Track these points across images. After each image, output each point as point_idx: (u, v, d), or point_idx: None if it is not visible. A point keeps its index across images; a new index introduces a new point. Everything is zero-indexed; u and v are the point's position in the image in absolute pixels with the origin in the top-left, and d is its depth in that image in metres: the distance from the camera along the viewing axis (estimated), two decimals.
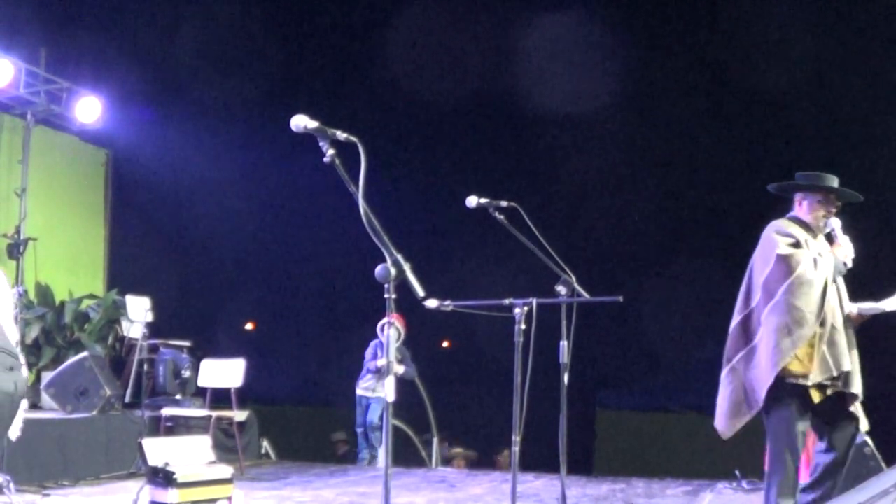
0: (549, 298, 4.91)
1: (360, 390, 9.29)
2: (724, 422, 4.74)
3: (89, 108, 10.53)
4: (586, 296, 4.92)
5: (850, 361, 4.60)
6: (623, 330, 15.54)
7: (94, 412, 7.77)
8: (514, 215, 4.91)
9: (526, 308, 4.81)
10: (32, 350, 9.14)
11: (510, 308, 4.84)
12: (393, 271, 3.14)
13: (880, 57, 11.66)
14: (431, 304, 4.92)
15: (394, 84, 13.35)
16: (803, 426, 4.63)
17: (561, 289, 4.92)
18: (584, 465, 12.85)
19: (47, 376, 8.33)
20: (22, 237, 9.21)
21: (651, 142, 14.17)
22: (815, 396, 4.57)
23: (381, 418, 8.95)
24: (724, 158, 12.98)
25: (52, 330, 9.33)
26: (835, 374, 4.54)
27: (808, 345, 4.51)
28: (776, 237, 4.63)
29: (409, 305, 3.72)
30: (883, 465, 6.30)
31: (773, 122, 13.03)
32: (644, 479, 8.18)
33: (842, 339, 4.57)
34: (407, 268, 3.16)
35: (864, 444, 6.53)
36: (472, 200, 4.88)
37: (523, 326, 4.81)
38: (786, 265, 4.56)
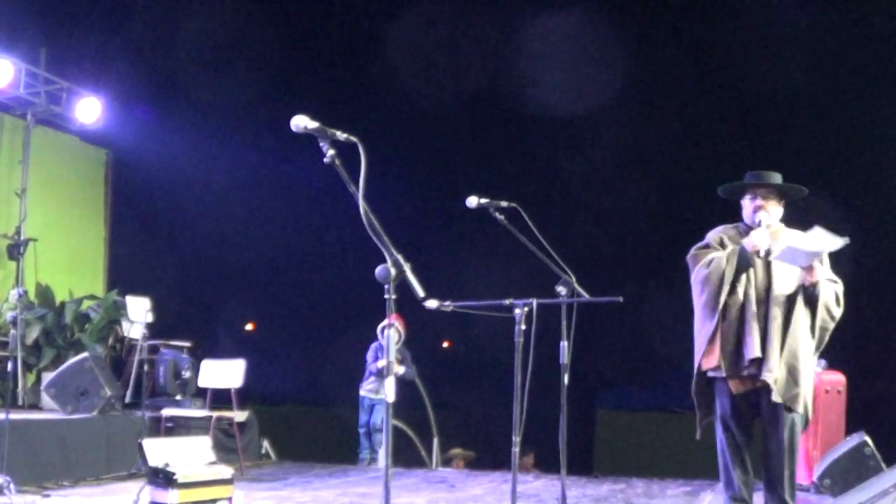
0: (549, 299, 4.91)
1: (363, 392, 9.29)
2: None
3: (89, 108, 10.54)
4: (586, 296, 4.92)
5: (767, 350, 4.59)
6: (623, 330, 15.53)
7: (94, 412, 7.77)
8: (514, 215, 4.91)
9: (526, 308, 4.81)
10: (33, 350, 9.14)
11: (510, 308, 4.84)
12: (393, 271, 3.14)
13: (881, 57, 11.66)
14: (431, 304, 4.92)
15: (394, 84, 13.35)
16: (733, 419, 4.71)
17: (561, 289, 4.92)
18: (584, 465, 12.84)
19: (47, 377, 8.33)
20: (22, 237, 9.22)
21: (651, 141, 14.17)
22: (735, 387, 4.68)
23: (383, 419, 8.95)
24: (724, 157, 12.98)
25: (52, 330, 9.33)
26: (745, 363, 4.63)
27: (713, 337, 4.67)
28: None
29: (409, 306, 3.72)
30: (883, 465, 6.31)
31: (774, 122, 13.04)
32: (644, 479, 8.18)
33: (754, 328, 4.61)
34: (407, 268, 3.16)
35: (864, 444, 6.54)
36: (472, 200, 4.88)
37: (523, 327, 4.81)
38: (690, 267, 4.85)
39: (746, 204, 4.85)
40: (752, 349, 4.58)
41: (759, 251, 4.66)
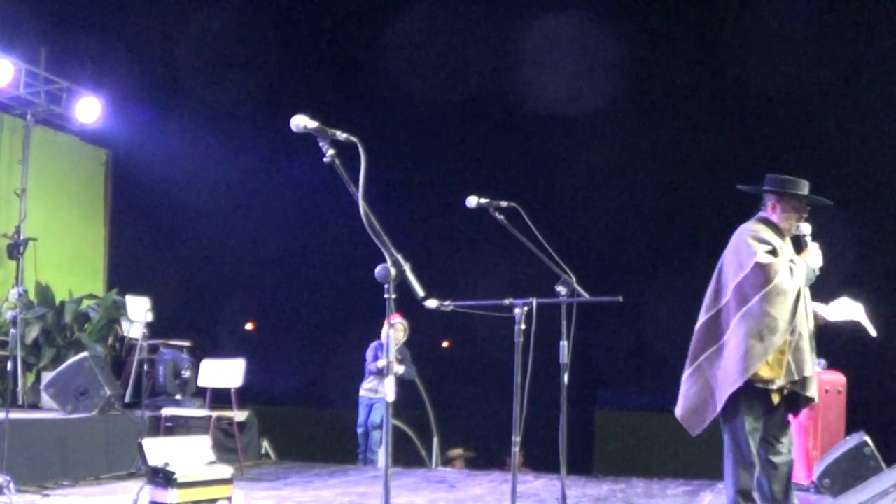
0: (549, 298, 4.91)
1: (363, 391, 9.29)
2: (692, 419, 4.83)
3: (89, 108, 10.54)
4: (586, 296, 4.92)
5: (813, 369, 4.74)
6: (623, 330, 15.52)
7: (94, 412, 7.77)
8: (514, 215, 4.91)
9: (526, 308, 4.81)
10: (32, 350, 9.14)
11: (510, 308, 4.84)
12: (393, 271, 3.14)
13: (882, 56, 11.66)
14: (431, 304, 4.92)
15: (394, 84, 13.35)
16: (761, 427, 4.74)
17: (561, 289, 4.92)
18: (584, 465, 12.85)
19: (47, 376, 8.33)
20: (22, 237, 9.20)
21: (651, 141, 14.16)
22: (776, 399, 4.71)
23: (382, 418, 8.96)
24: (724, 158, 12.98)
25: (52, 330, 9.33)
26: (796, 378, 4.67)
27: (778, 351, 4.62)
28: (753, 243, 4.70)
29: (409, 306, 3.72)
30: (883, 465, 6.31)
31: (773, 122, 13.03)
32: (644, 479, 8.18)
33: (807, 345, 4.68)
34: (407, 268, 3.16)
35: (864, 444, 6.54)
36: (472, 200, 4.88)
37: (523, 326, 4.81)
38: (764, 273, 4.63)
39: (788, 209, 4.78)
40: (809, 366, 4.66)
41: (816, 270, 4.73)
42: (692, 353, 4.85)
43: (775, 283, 4.59)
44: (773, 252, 4.67)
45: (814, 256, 4.72)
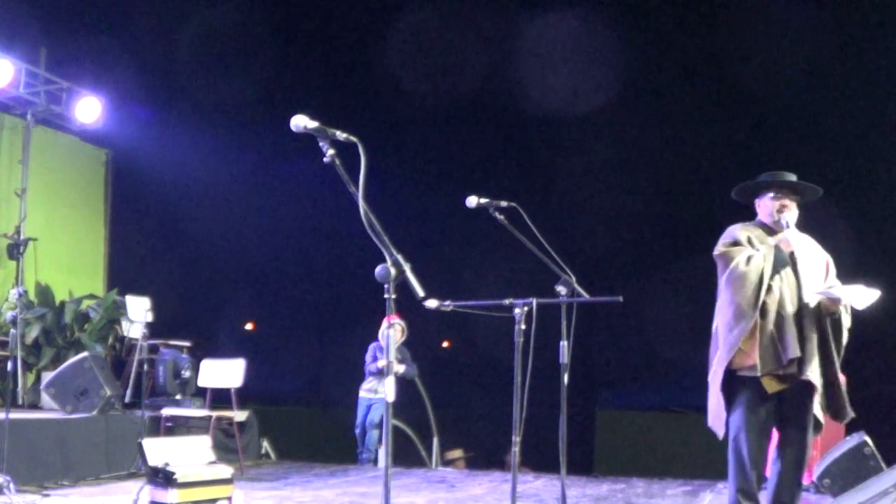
0: (549, 298, 4.91)
1: (362, 392, 9.28)
2: (717, 423, 4.81)
3: (89, 108, 10.55)
4: (586, 296, 4.92)
5: (806, 350, 4.60)
6: (623, 330, 15.53)
7: (94, 412, 7.77)
8: (514, 215, 4.91)
9: (526, 308, 4.81)
10: (32, 350, 9.15)
11: (510, 308, 4.84)
12: (393, 271, 3.14)
13: (880, 55, 11.66)
14: (431, 304, 4.92)
15: (394, 84, 13.35)
16: (760, 418, 4.68)
17: (561, 289, 4.92)
18: (584, 465, 12.84)
19: (47, 376, 8.33)
20: (22, 237, 9.21)
21: (651, 141, 14.17)
22: (770, 386, 4.63)
23: (381, 418, 8.96)
24: (724, 158, 12.98)
25: (52, 330, 9.33)
26: (784, 362, 4.59)
27: (750, 336, 4.60)
28: (719, 244, 4.81)
29: (409, 306, 3.72)
30: (883, 465, 6.32)
31: (773, 122, 13.04)
32: (644, 479, 8.18)
33: (791, 327, 4.60)
34: (407, 268, 3.16)
35: (864, 444, 6.55)
36: (472, 200, 4.88)
37: (523, 326, 4.81)
38: (722, 263, 4.74)
39: (767, 203, 4.81)
40: (792, 348, 4.56)
41: (794, 252, 4.67)
42: (710, 360, 4.87)
43: (730, 268, 4.66)
44: (735, 243, 4.73)
45: (787, 241, 4.69)
